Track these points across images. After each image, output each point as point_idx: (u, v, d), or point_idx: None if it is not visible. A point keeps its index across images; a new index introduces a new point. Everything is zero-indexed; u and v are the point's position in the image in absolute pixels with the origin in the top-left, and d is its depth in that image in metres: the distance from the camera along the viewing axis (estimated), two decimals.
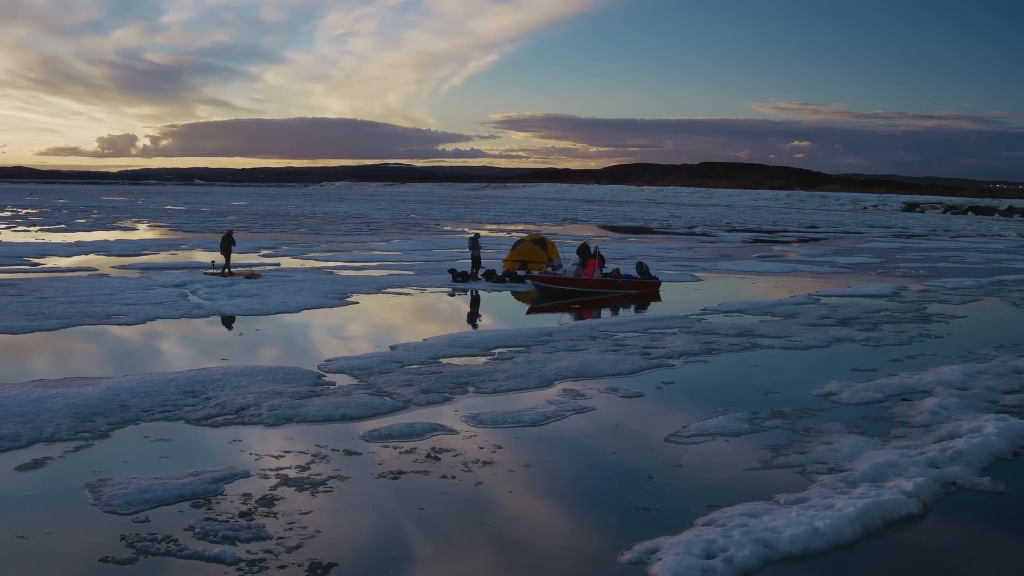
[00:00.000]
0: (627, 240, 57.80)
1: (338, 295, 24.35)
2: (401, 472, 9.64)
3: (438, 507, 8.67)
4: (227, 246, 28.27)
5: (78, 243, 41.82)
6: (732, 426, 11.86)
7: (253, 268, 29.24)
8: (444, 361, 15.70)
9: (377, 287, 26.75)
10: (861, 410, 13.02)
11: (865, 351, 18.08)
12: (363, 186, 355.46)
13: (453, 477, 9.56)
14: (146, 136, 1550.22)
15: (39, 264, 31.18)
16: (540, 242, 35.91)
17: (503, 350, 16.90)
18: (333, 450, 10.31)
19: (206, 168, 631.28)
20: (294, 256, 37.83)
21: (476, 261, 30.25)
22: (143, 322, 18.92)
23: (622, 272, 28.33)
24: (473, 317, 22.74)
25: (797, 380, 14.98)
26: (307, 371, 14.24)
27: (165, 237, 48.92)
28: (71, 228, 54.85)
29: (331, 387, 13.32)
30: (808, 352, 17.82)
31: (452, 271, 29.82)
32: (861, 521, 8.32)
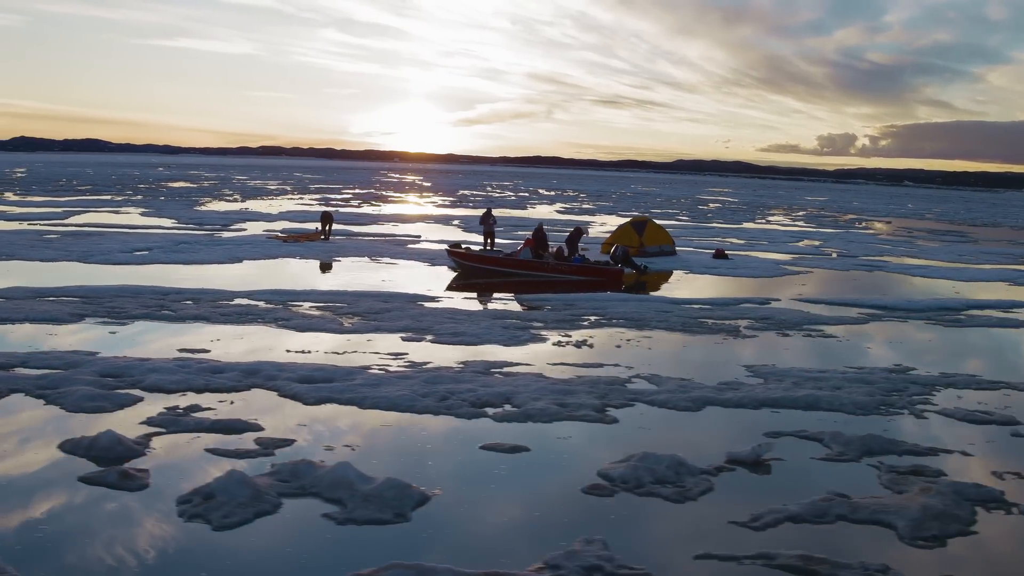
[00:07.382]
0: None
1: (264, 257, 25.89)
2: None
3: None
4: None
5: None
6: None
7: (320, 232, 31.42)
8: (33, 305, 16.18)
9: (348, 254, 27.40)
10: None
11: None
12: None
13: None
14: (865, 136, 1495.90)
15: (210, 227, 35.74)
16: (639, 225, 31.71)
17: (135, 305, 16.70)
18: None
19: (919, 170, 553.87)
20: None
21: (488, 237, 28.29)
22: (65, 261, 23.42)
23: (575, 258, 24.21)
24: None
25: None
26: None
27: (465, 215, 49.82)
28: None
29: None
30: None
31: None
32: None
